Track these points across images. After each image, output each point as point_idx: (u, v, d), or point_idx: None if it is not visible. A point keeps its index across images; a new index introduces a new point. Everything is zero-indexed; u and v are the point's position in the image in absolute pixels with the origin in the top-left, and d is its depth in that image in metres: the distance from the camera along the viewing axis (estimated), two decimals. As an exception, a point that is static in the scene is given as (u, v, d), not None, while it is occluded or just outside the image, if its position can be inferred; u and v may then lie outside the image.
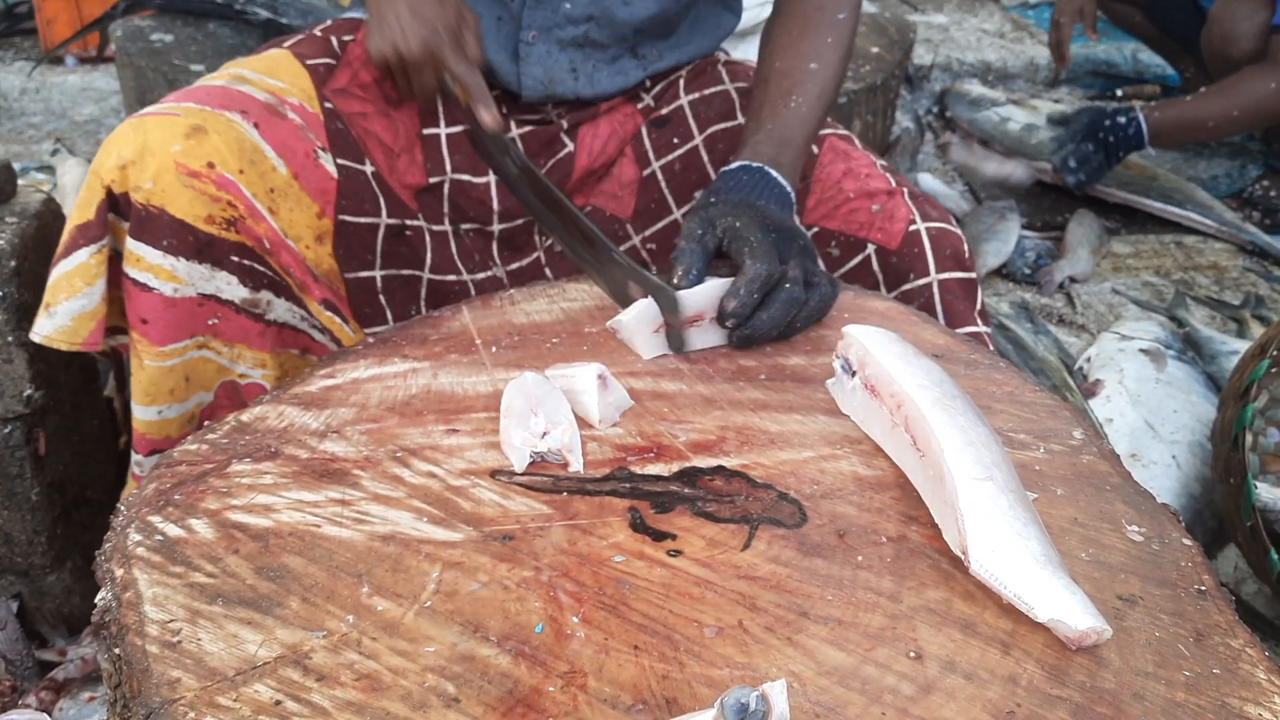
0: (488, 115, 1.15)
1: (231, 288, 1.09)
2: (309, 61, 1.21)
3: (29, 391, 1.28)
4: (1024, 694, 0.66)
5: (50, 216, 1.36)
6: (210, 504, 0.80)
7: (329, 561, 0.75)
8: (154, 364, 1.07)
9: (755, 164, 1.12)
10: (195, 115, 1.07)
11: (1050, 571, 0.71)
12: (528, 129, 1.30)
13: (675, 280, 1.03)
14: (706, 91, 1.33)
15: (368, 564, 0.75)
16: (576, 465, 0.86)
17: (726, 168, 1.13)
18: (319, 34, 1.27)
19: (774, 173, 1.12)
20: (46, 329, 1.08)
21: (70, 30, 3.28)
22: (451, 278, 1.27)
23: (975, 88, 3.25)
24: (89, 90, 3.19)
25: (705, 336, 1.03)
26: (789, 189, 1.12)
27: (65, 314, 1.07)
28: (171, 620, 0.69)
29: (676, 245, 1.06)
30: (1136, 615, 0.73)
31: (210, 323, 1.08)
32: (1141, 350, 1.99)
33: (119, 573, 0.73)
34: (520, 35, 1.25)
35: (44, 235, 1.33)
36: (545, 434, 0.87)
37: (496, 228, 1.29)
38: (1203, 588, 0.77)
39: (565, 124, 1.31)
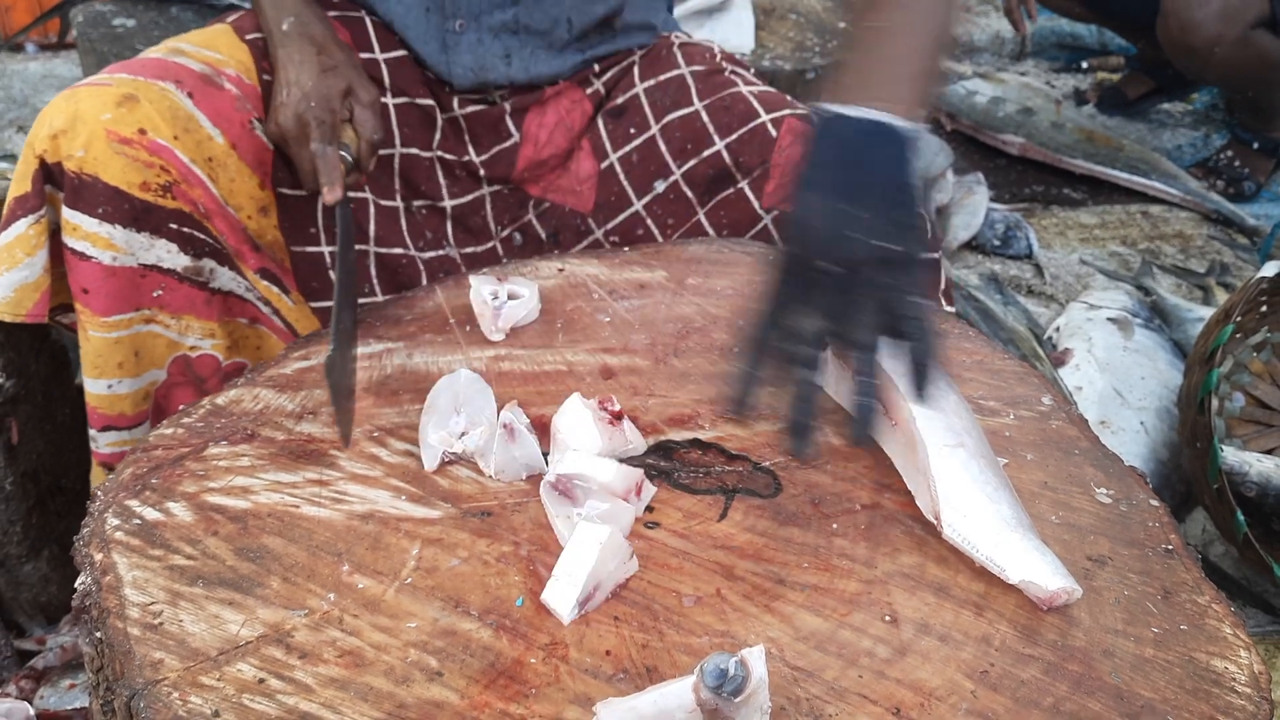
0: (330, 196, 1.08)
1: (172, 256, 1.08)
2: (248, 36, 1.20)
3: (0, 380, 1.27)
4: (997, 654, 0.68)
5: (16, 204, 1.35)
6: (187, 487, 0.80)
7: (308, 541, 0.75)
8: (99, 335, 1.07)
9: (854, 114, 0.88)
10: (127, 85, 1.07)
11: (1021, 534, 0.72)
12: (470, 109, 1.28)
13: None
14: (661, 78, 1.31)
15: (347, 543, 0.75)
16: (489, 470, 0.83)
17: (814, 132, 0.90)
18: None
19: (880, 116, 0.87)
20: None
21: (30, 16, 3.22)
22: (399, 251, 1.26)
23: (942, 61, 3.25)
24: (50, 77, 3.14)
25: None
26: (900, 126, 0.87)
27: (7, 285, 1.07)
28: (152, 603, 0.69)
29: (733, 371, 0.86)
30: (1106, 575, 0.75)
31: (155, 294, 1.08)
32: (1109, 319, 2.01)
33: (98, 557, 0.73)
34: (445, 24, 1.24)
35: (10, 223, 1.31)
36: (464, 434, 0.85)
37: (448, 204, 1.29)
38: (1170, 547, 0.78)
39: (509, 106, 1.29)
